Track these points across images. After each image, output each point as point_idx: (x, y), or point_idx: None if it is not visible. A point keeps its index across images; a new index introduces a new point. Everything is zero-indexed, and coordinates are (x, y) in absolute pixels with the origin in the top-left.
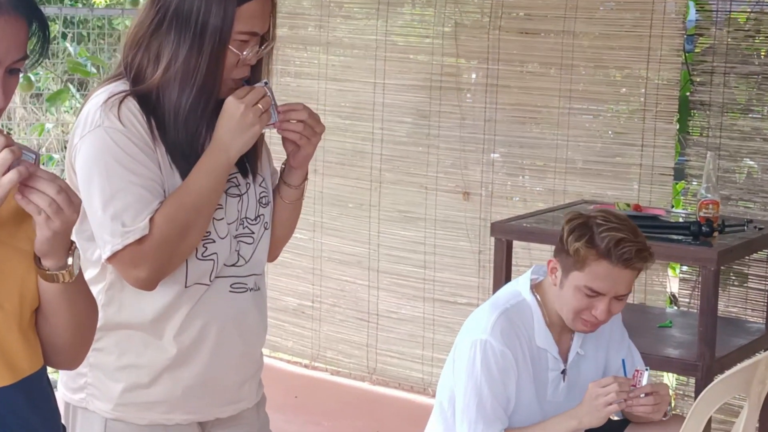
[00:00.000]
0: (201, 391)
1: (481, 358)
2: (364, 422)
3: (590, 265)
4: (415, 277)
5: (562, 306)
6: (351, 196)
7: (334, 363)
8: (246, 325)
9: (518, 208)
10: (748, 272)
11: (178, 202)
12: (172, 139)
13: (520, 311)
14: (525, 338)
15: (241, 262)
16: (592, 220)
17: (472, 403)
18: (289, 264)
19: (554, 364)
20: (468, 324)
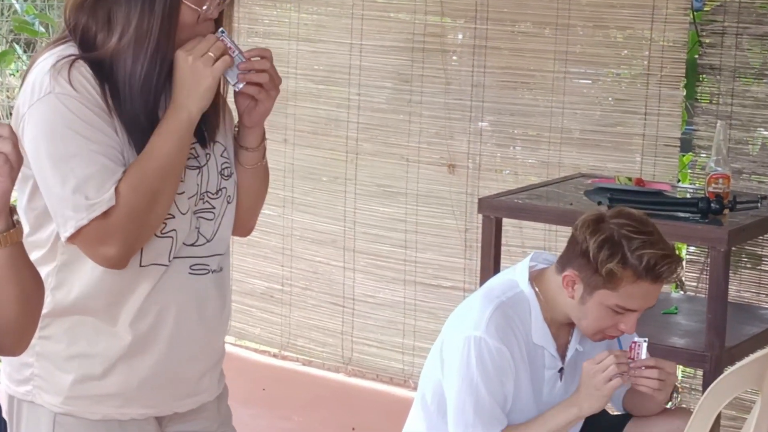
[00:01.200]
0: (158, 383)
1: (476, 356)
2: (339, 417)
3: (625, 287)
4: (394, 258)
5: (581, 319)
6: (324, 168)
7: (306, 352)
8: (207, 311)
9: (508, 182)
10: (761, 253)
11: (142, 169)
12: (128, 110)
13: (516, 304)
14: (521, 334)
15: (202, 240)
16: (619, 232)
17: (468, 404)
18: (256, 243)
19: (551, 362)
20: (458, 316)
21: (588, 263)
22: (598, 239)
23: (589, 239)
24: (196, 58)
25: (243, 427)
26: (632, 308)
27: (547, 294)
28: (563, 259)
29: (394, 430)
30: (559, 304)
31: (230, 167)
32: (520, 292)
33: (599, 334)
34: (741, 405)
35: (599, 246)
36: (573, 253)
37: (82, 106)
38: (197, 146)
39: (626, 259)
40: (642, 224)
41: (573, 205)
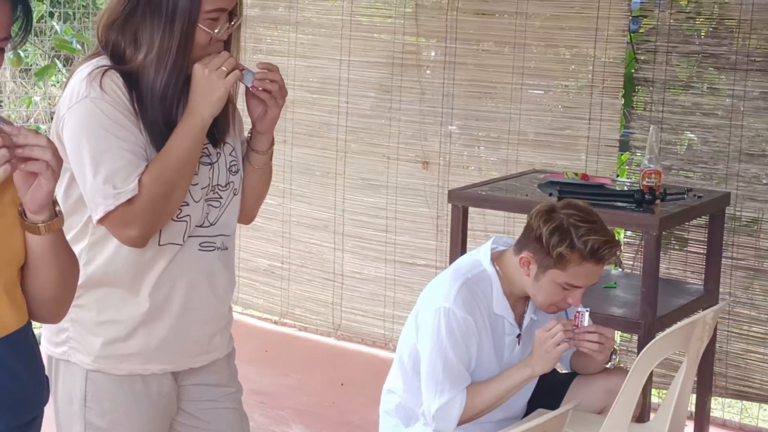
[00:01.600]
0: (174, 343)
1: (446, 324)
2: (330, 374)
3: (573, 267)
4: (377, 240)
5: (535, 294)
6: (318, 164)
7: (302, 319)
8: (214, 281)
9: (474, 176)
10: (687, 237)
11: (162, 165)
12: (150, 115)
13: (480, 281)
14: (484, 306)
15: (207, 223)
16: (567, 221)
17: (438, 365)
18: (260, 228)
19: (510, 330)
20: (431, 290)
21: (541, 247)
22: (550, 227)
23: (543, 227)
24: (211, 71)
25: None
26: (578, 285)
27: (507, 272)
28: (520, 243)
29: (376, 386)
30: (516, 281)
31: (237, 164)
32: (483, 270)
33: (551, 306)
34: (670, 364)
35: (551, 232)
36: (528, 238)
37: (113, 109)
38: (209, 146)
39: (574, 243)
40: (587, 214)
41: (528, 196)
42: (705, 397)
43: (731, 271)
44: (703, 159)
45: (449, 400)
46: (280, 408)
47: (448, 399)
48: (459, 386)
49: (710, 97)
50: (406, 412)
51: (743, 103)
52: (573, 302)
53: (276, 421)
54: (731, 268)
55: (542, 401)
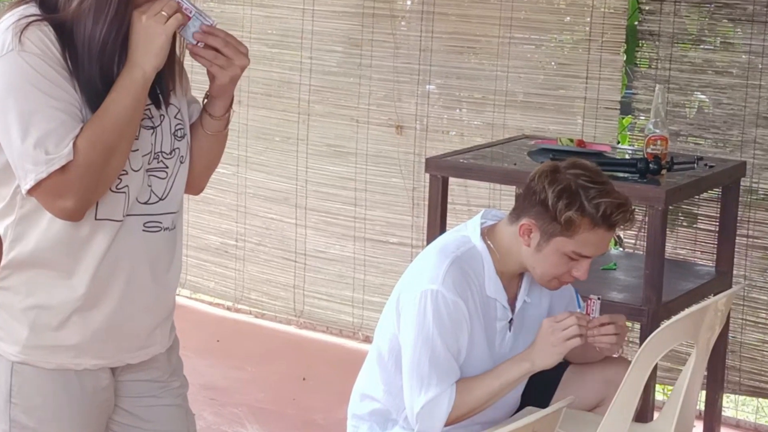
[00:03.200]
0: (111, 336)
1: (433, 309)
2: (290, 368)
3: (582, 233)
4: (344, 215)
5: (535, 266)
6: (277, 129)
7: (259, 305)
8: (159, 267)
9: (455, 143)
10: (697, 212)
11: (99, 125)
12: (86, 74)
13: (470, 259)
14: (476, 287)
15: (154, 198)
16: (576, 182)
17: (424, 357)
18: (211, 200)
19: (502, 314)
20: (414, 272)
21: (546, 212)
22: (556, 189)
23: (548, 189)
24: (149, 17)
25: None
26: (587, 254)
27: (500, 246)
28: (518, 210)
29: (343, 380)
30: (512, 254)
31: (183, 129)
32: (473, 247)
33: (553, 280)
34: (677, 357)
35: (557, 195)
36: (530, 203)
37: (44, 64)
38: (152, 107)
39: (584, 207)
40: (596, 174)
41: (517, 165)
42: (716, 394)
43: (747, 250)
44: (715, 123)
45: (436, 396)
46: (234, 405)
47: (434, 395)
48: (447, 381)
49: (724, 53)
50: (384, 415)
51: (761, 60)
52: (579, 274)
53: (229, 420)
54: (747, 248)
55: (531, 396)
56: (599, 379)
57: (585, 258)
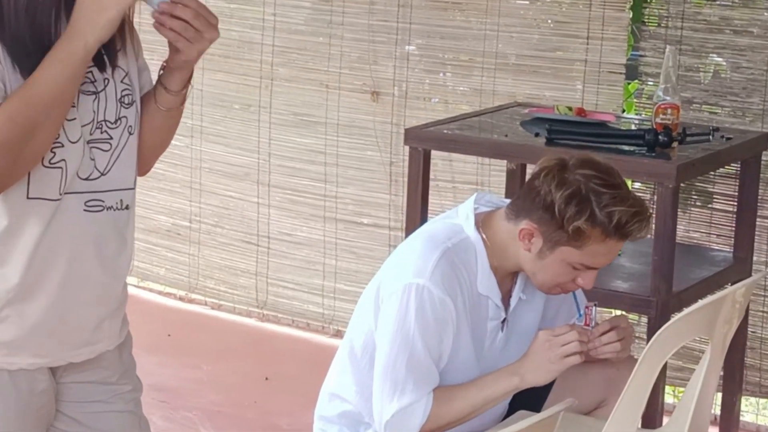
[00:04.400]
0: (50, 330)
1: (416, 306)
2: (252, 366)
3: (592, 245)
4: (313, 193)
5: (536, 273)
6: (237, 95)
7: (216, 295)
8: (106, 252)
9: (438, 111)
10: (713, 190)
11: (23, 98)
12: (13, 32)
13: (462, 251)
14: (467, 284)
15: (96, 174)
16: (587, 185)
17: (401, 358)
18: (162, 176)
19: (495, 313)
20: (397, 261)
21: (552, 218)
22: (565, 193)
23: (555, 192)
24: None
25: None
26: (595, 266)
27: (495, 241)
28: (519, 208)
29: (311, 380)
30: (509, 253)
31: (132, 95)
32: (465, 238)
33: (555, 288)
34: (689, 355)
35: (566, 200)
36: (533, 205)
37: None
38: (94, 70)
39: (595, 216)
40: (610, 176)
41: (508, 136)
42: (733, 396)
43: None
44: (733, 90)
45: (410, 404)
46: (187, 409)
47: (408, 403)
48: (424, 388)
49: (743, 10)
50: (354, 418)
51: None
52: (584, 284)
53: (181, 426)
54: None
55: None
56: (600, 378)
57: (592, 269)
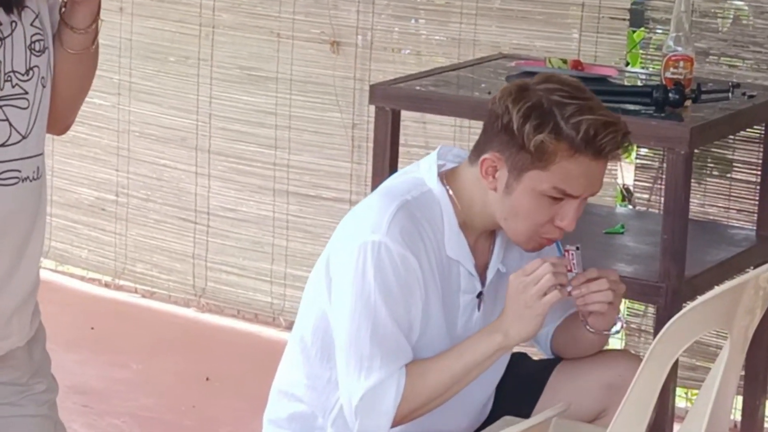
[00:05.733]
0: None
1: (374, 266)
2: (189, 364)
3: (559, 162)
4: (261, 161)
5: (508, 217)
6: (172, 45)
7: (147, 281)
8: (16, 231)
9: (409, 64)
10: (732, 157)
11: None
12: None
13: (424, 206)
14: (432, 243)
15: (16, 137)
16: (549, 98)
17: (363, 330)
18: (83, 141)
19: (468, 284)
20: (349, 223)
21: (512, 139)
22: (523, 107)
23: (512, 109)
24: None
25: (66, 376)
26: (572, 192)
27: (462, 193)
28: (479, 145)
29: (259, 381)
30: (477, 204)
31: (44, 40)
32: (428, 191)
33: (534, 237)
34: (704, 351)
35: (525, 115)
36: (491, 131)
37: None
38: None
39: (560, 128)
40: (577, 90)
41: (491, 94)
42: (756, 399)
43: None
44: (756, 39)
45: (380, 382)
46: (113, 414)
47: (378, 380)
48: (395, 362)
49: None
50: (307, 420)
51: None
52: (565, 224)
53: None
54: None
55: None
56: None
57: (570, 199)
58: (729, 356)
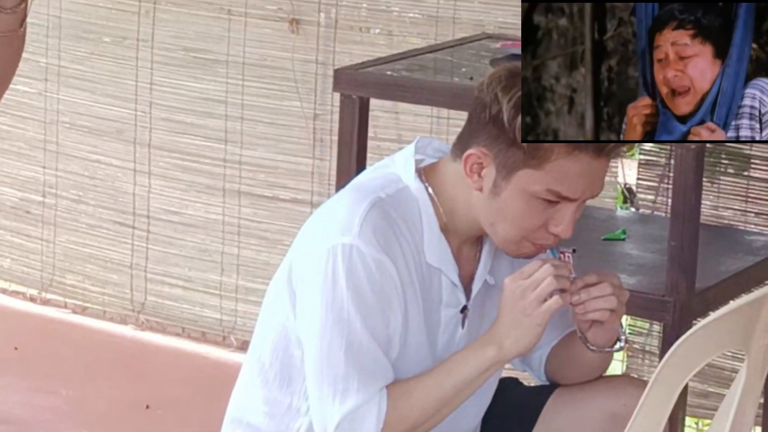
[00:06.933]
0: None
1: (346, 273)
2: (126, 390)
3: (555, 160)
4: (210, 157)
5: (495, 222)
6: (107, 24)
7: (78, 295)
8: None
9: (379, 46)
10: (750, 153)
11: None
12: None
13: (401, 205)
14: (410, 247)
15: None
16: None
17: (336, 346)
18: (4, 134)
19: (451, 296)
20: (315, 225)
21: (501, 133)
22: (515, 96)
23: (502, 98)
24: None
25: None
26: (568, 195)
27: (443, 193)
28: (463, 138)
29: (207, 408)
30: (460, 205)
31: None
32: (404, 189)
33: (524, 245)
34: (718, 375)
35: (517, 105)
36: (478, 123)
37: None
38: None
39: None
40: None
41: (474, 80)
42: None
43: None
44: None
45: (358, 406)
46: None
47: (355, 404)
48: (374, 382)
49: None
50: None
51: None
52: (560, 230)
53: None
54: None
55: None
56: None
57: (567, 202)
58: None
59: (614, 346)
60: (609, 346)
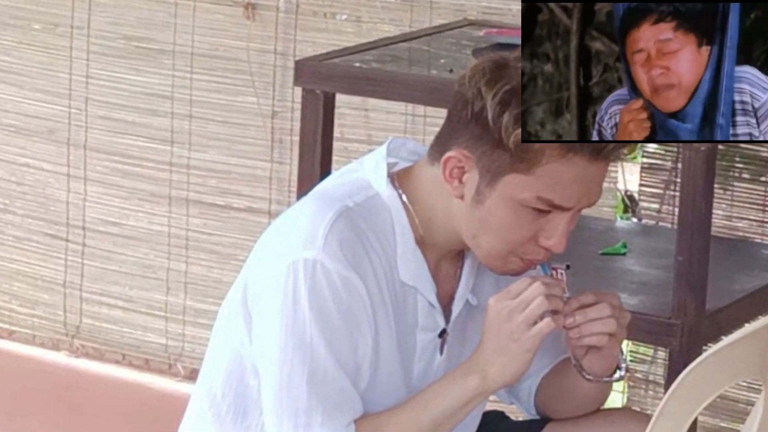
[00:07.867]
0: None
1: (309, 291)
2: (59, 424)
3: (547, 164)
4: (154, 160)
5: (477, 234)
6: (37, 9)
7: (4, 317)
8: None
9: (347, 34)
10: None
11: None
12: None
13: (371, 215)
14: (381, 263)
15: None
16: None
17: (297, 375)
18: None
19: (428, 318)
20: (270, 240)
21: (485, 132)
22: (501, 91)
23: (486, 93)
24: None
25: None
26: (561, 203)
27: (420, 201)
28: (442, 138)
29: None
30: (438, 215)
31: None
32: (375, 196)
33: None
34: (731, 408)
35: (503, 101)
36: (458, 122)
37: None
38: None
39: None
40: None
41: (454, 72)
42: None
43: None
44: None
45: None
46: None
47: None
48: (341, 416)
49: None
50: None
51: None
52: (552, 243)
53: None
54: None
55: None
56: None
57: (559, 211)
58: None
59: (613, 375)
60: (607, 376)
